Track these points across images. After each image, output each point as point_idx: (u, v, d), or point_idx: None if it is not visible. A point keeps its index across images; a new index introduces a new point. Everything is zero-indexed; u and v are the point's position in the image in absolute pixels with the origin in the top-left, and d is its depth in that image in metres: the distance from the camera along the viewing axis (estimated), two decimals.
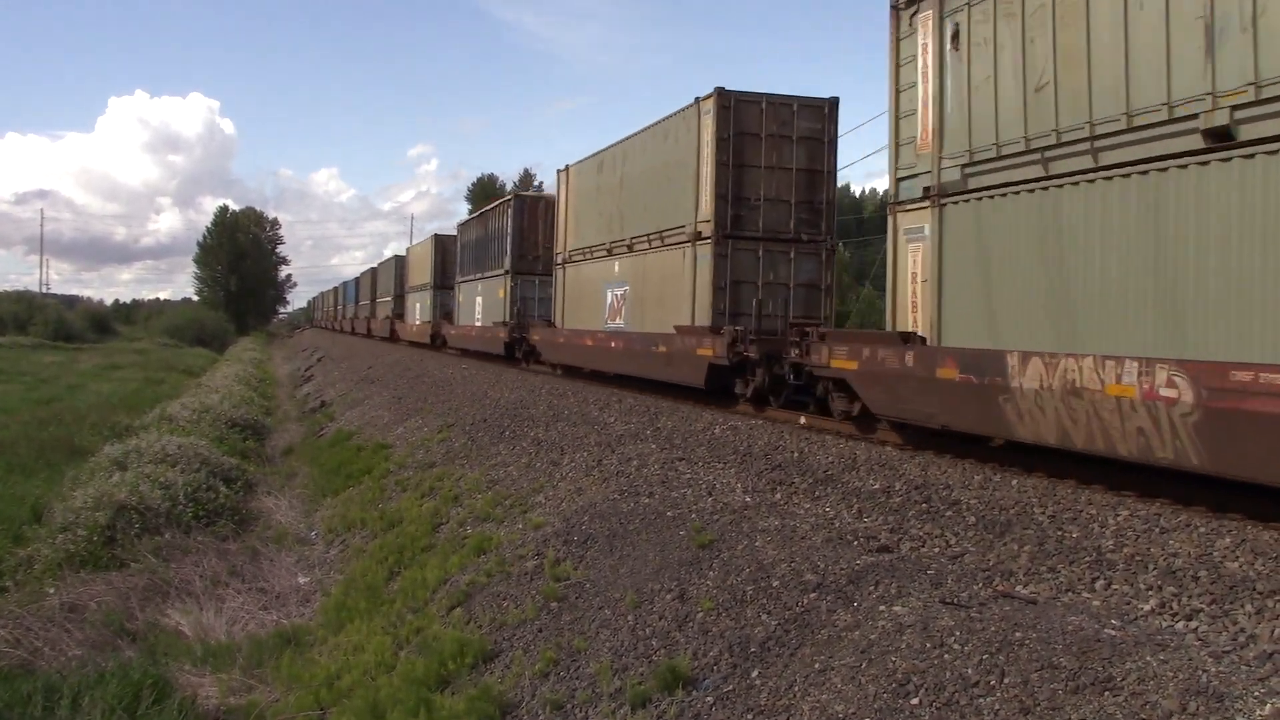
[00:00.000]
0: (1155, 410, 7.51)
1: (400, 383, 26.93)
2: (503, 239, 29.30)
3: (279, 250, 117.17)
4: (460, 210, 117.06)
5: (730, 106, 16.00)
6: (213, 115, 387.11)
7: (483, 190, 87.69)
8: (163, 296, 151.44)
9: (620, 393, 18.72)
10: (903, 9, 11.31)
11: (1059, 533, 7.36)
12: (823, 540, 7.63)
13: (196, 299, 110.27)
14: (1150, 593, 5.99)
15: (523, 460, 13.22)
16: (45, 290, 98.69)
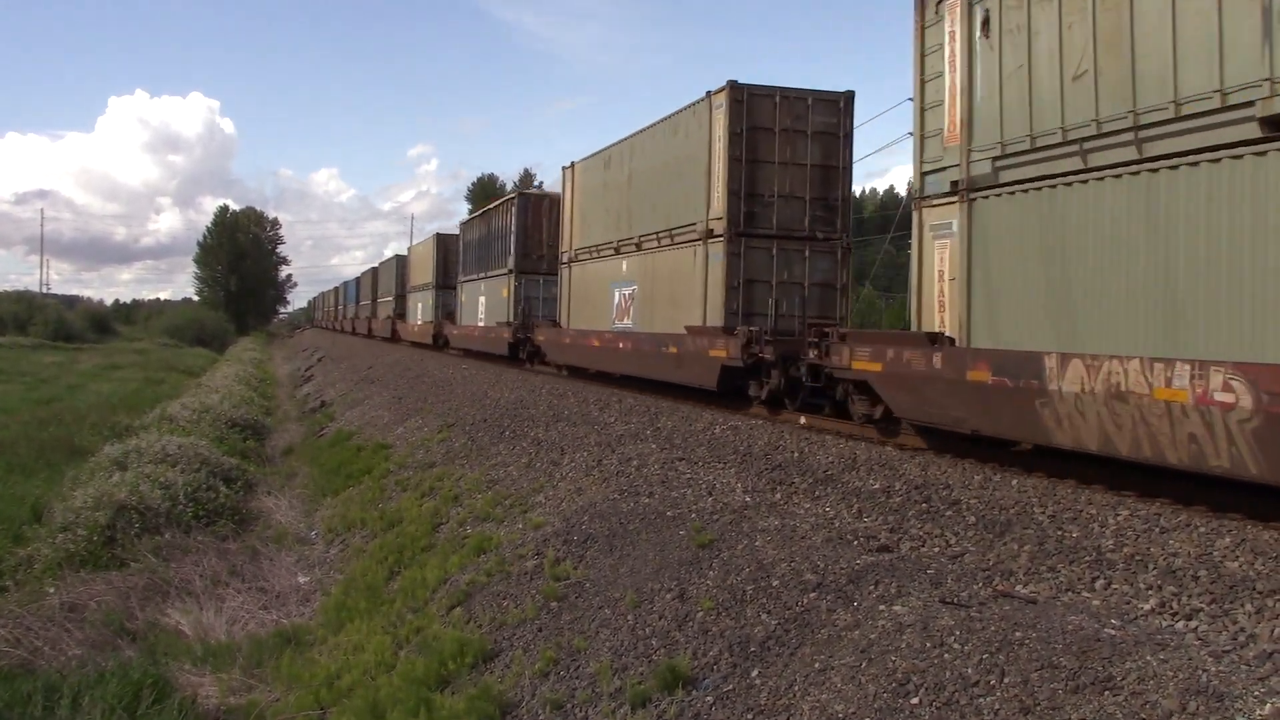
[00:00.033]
0: (1209, 416, 7.10)
1: (400, 383, 26.93)
2: (506, 238, 28.75)
3: (279, 250, 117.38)
4: (460, 210, 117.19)
5: (743, 100, 15.50)
6: (213, 115, 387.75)
7: (483, 190, 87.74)
8: (163, 296, 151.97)
9: (620, 393, 18.71)
10: None
11: (1059, 532, 7.36)
12: (823, 540, 7.64)
13: (196, 299, 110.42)
14: (1150, 592, 5.99)
15: (523, 460, 13.22)
16: (45, 290, 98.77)
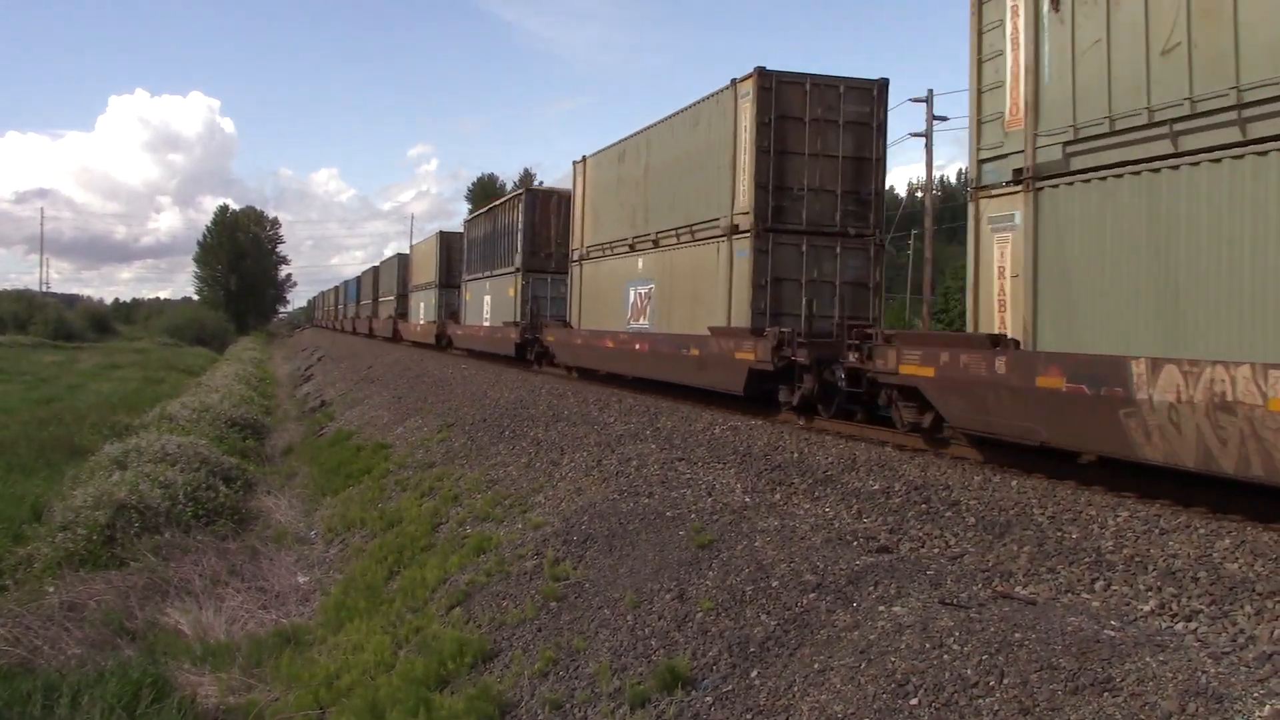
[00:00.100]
0: None
1: (400, 382, 26.93)
2: (513, 235, 28.01)
3: (279, 250, 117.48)
4: (460, 210, 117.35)
5: (771, 88, 14.64)
6: (213, 114, 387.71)
7: (483, 190, 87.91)
8: (163, 296, 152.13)
9: (620, 393, 18.70)
10: None
11: (1059, 533, 7.36)
12: (822, 541, 7.64)
13: (196, 298, 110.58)
14: (1150, 594, 5.99)
15: (522, 460, 13.22)
16: (45, 289, 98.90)
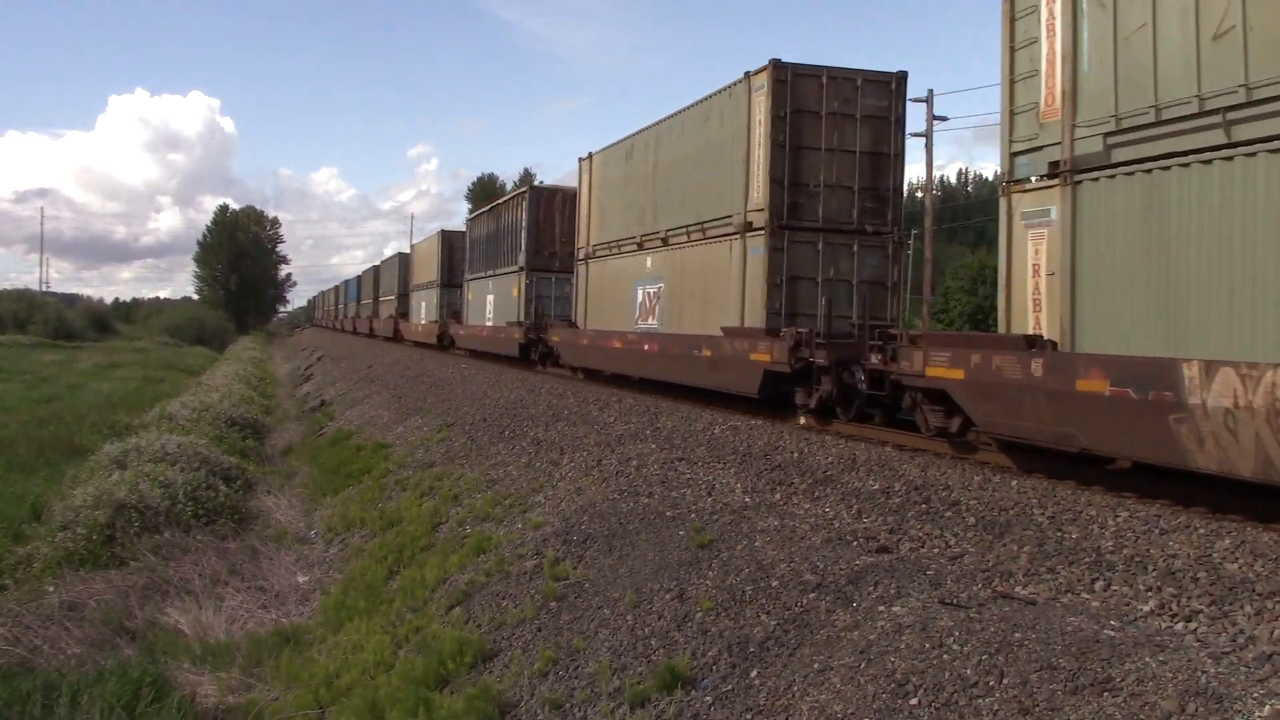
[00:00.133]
0: None
1: (400, 382, 26.93)
2: (517, 233, 27.58)
3: (279, 249, 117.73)
4: (460, 210, 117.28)
5: (787, 81, 14.27)
6: (213, 114, 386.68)
7: (483, 190, 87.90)
8: (163, 295, 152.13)
9: (620, 392, 18.70)
10: None
11: (1058, 534, 7.36)
12: (822, 540, 7.64)
13: (196, 298, 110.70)
14: (1149, 594, 5.99)
15: (522, 460, 13.22)
16: (45, 289, 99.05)
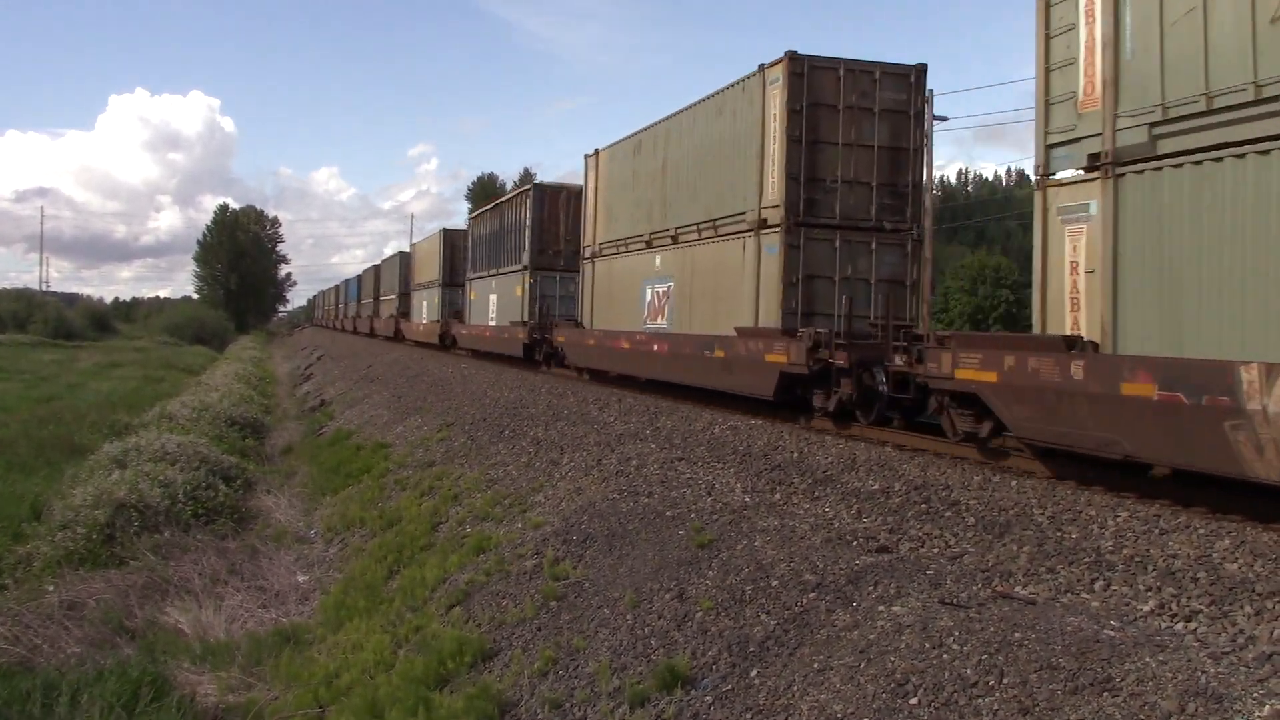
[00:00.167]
0: None
1: (400, 382, 26.93)
2: (520, 232, 27.19)
3: (279, 249, 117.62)
4: (460, 210, 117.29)
5: (803, 73, 13.85)
6: (213, 113, 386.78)
7: (483, 190, 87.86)
8: (163, 294, 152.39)
9: (620, 392, 18.69)
10: None
11: (1058, 534, 7.36)
12: (822, 540, 7.64)
13: (196, 297, 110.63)
14: (1149, 594, 5.99)
15: (522, 459, 13.22)
16: (45, 288, 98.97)
